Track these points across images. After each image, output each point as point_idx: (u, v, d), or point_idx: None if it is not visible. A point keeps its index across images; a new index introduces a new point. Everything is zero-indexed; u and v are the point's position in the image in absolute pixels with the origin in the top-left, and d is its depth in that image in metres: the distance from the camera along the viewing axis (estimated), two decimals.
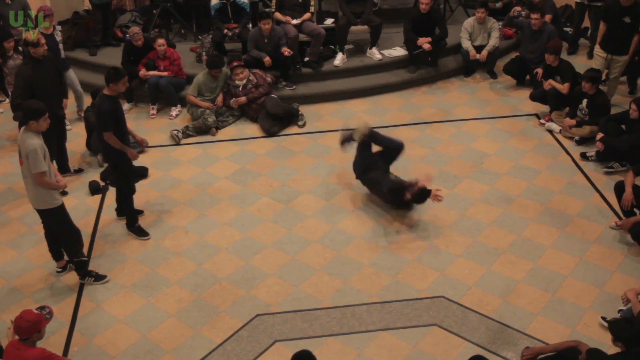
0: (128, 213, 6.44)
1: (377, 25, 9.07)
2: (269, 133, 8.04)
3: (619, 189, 6.09)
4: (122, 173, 6.25)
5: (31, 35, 6.56)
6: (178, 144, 7.95)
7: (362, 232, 6.30)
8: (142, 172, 7.25)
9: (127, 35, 8.86)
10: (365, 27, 9.10)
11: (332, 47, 9.36)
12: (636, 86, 8.72)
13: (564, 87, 7.87)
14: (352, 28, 9.10)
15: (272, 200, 6.85)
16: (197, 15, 10.12)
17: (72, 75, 8.28)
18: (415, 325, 5.25)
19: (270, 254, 6.10)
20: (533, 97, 8.27)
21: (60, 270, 5.93)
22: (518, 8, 9.73)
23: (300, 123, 8.21)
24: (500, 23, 9.49)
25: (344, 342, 5.13)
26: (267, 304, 5.52)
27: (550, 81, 7.98)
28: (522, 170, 7.18)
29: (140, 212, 6.65)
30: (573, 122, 7.61)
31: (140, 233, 6.40)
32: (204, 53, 9.14)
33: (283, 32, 8.67)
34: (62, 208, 5.51)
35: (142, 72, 8.51)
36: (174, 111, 8.63)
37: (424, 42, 8.85)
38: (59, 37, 8.00)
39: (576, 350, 4.47)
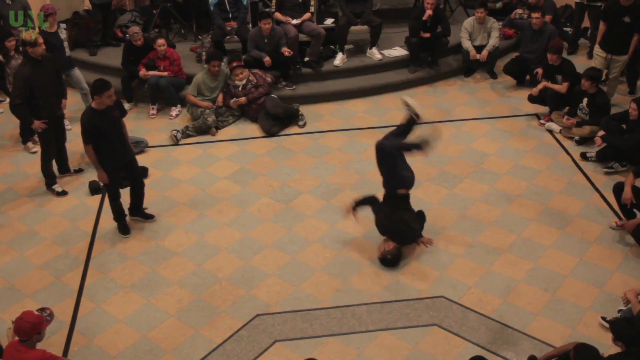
0: (114, 211, 6.35)
1: (377, 25, 9.06)
2: (269, 133, 8.04)
3: (618, 190, 6.08)
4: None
5: (29, 34, 6.54)
6: (176, 144, 7.94)
7: (362, 232, 6.30)
8: (142, 172, 7.24)
9: (127, 35, 8.86)
10: (365, 27, 9.10)
11: (332, 47, 9.35)
12: (635, 86, 8.72)
13: (562, 87, 7.86)
14: (352, 28, 9.09)
15: (272, 200, 6.84)
16: (197, 15, 10.11)
17: (77, 73, 8.27)
18: (415, 325, 5.25)
19: (270, 254, 6.09)
20: (531, 99, 8.25)
21: None
22: (519, 10, 9.71)
23: (300, 123, 8.21)
24: (500, 23, 9.49)
25: (344, 342, 5.13)
26: (267, 304, 5.52)
27: (545, 83, 7.98)
28: (522, 170, 7.18)
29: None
30: (574, 121, 7.60)
31: (123, 230, 6.37)
32: (204, 53, 9.13)
33: (283, 32, 8.66)
34: None
35: (142, 72, 8.50)
36: (174, 111, 8.63)
37: (426, 35, 8.95)
38: (63, 34, 7.99)
39: None
